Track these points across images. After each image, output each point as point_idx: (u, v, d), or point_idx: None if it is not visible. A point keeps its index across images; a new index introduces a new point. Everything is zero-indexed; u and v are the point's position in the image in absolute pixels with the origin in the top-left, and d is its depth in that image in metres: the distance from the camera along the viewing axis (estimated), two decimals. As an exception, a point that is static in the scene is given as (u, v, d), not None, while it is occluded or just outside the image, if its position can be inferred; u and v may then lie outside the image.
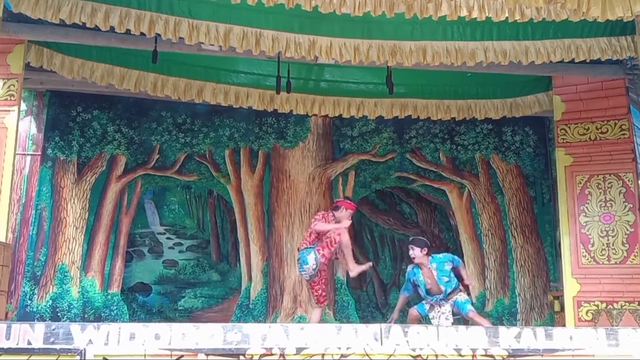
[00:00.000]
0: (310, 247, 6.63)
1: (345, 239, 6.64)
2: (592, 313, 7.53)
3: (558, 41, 7.13)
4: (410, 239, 7.38)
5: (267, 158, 9.87)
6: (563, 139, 8.10)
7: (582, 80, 8.12)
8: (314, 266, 6.57)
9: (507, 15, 5.83)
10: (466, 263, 9.76)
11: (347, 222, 6.71)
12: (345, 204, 6.95)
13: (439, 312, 7.00)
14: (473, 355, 4.41)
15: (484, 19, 5.86)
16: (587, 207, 7.82)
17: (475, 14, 5.77)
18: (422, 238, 7.43)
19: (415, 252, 7.00)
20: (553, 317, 9.12)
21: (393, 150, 10.04)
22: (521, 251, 9.69)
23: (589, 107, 8.05)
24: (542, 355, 4.46)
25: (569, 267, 7.75)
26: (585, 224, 7.79)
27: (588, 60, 7.33)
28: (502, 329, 4.56)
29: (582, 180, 7.91)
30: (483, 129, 9.97)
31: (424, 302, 7.16)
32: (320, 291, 6.80)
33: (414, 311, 7.18)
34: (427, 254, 7.03)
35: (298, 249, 6.95)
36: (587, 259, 7.69)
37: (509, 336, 4.50)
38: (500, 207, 9.88)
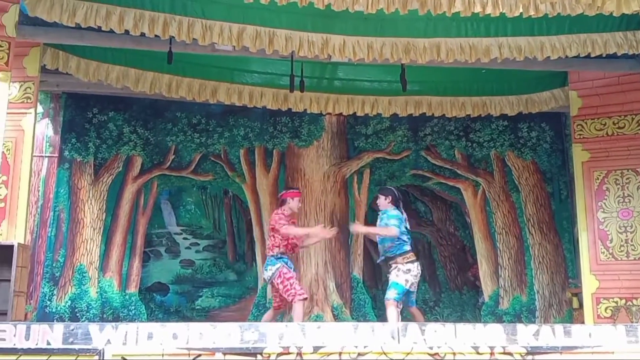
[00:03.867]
0: (278, 257, 6.72)
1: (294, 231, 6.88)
2: (611, 310, 7.47)
3: (573, 36, 7.08)
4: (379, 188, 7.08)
5: (281, 157, 9.88)
6: (580, 134, 8.04)
7: (599, 75, 8.05)
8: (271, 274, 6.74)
9: (521, 10, 5.80)
10: (479, 261, 9.76)
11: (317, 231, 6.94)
12: (290, 194, 7.00)
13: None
14: (491, 353, 4.39)
15: (498, 14, 5.83)
16: (605, 203, 7.76)
17: (489, 10, 5.74)
18: (390, 187, 7.28)
19: (380, 201, 6.86)
20: (572, 314, 9.05)
21: (408, 148, 10.00)
22: (539, 248, 9.63)
23: (605, 102, 7.98)
24: (560, 353, 4.43)
25: (587, 264, 7.69)
26: (603, 220, 7.73)
27: (604, 55, 7.26)
28: (520, 327, 4.53)
29: (600, 176, 7.85)
30: (499, 125, 9.91)
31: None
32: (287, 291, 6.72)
33: None
34: (391, 203, 6.80)
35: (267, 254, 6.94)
36: (606, 255, 7.63)
37: (527, 334, 4.47)
38: (516, 204, 9.81)
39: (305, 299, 6.85)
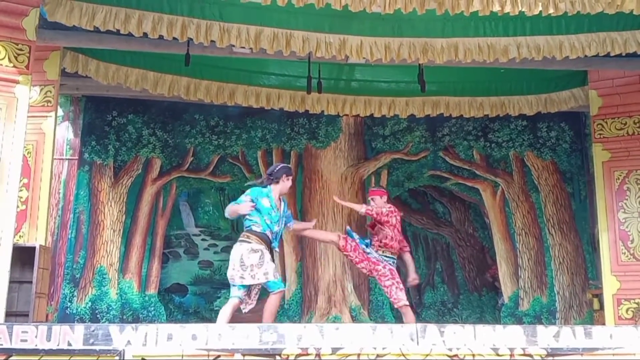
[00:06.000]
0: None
1: None
2: (633, 311, 7.38)
3: (593, 35, 7.00)
4: None
5: (299, 158, 9.90)
6: (600, 134, 7.96)
7: (619, 74, 7.96)
8: None
9: (540, 9, 5.75)
10: (499, 262, 9.70)
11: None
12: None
13: None
14: (511, 355, 4.36)
15: (516, 13, 5.79)
16: (625, 203, 7.67)
17: (507, 9, 5.70)
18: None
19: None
20: (592, 316, 8.95)
21: (426, 148, 9.98)
22: (559, 249, 9.55)
23: (626, 101, 7.89)
24: (581, 354, 4.39)
25: (608, 265, 7.61)
26: (624, 220, 7.65)
27: (624, 54, 7.18)
28: (540, 328, 4.50)
29: (620, 175, 7.76)
30: (517, 125, 9.85)
31: None
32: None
33: None
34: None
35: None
36: (627, 256, 7.54)
37: (547, 335, 4.44)
38: (535, 205, 9.74)
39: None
